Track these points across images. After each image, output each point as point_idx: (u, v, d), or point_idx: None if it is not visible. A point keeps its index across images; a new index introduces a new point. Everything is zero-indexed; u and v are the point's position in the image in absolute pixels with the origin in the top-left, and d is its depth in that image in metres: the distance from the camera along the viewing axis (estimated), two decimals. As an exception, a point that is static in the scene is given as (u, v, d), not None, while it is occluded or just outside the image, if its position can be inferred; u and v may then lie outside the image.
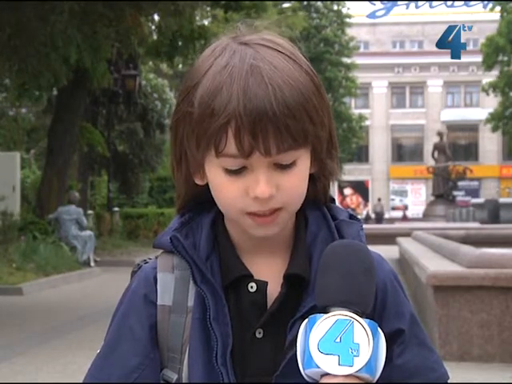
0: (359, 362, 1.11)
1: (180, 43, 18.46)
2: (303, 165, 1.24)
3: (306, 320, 1.15)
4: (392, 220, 41.31)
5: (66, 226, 18.18)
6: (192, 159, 1.27)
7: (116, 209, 25.47)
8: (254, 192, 1.21)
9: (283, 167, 1.22)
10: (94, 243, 18.56)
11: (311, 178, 1.30)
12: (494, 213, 21.89)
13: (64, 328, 9.84)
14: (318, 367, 1.11)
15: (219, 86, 1.20)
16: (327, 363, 1.11)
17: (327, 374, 1.11)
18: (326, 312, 1.14)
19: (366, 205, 55.56)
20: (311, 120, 1.22)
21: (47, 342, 8.91)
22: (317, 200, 1.33)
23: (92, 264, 18.11)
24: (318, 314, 1.14)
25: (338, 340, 1.12)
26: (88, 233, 18.53)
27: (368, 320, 1.14)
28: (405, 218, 44.50)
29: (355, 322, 1.13)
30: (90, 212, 23.06)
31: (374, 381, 1.13)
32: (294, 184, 1.23)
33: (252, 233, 1.26)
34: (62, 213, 18.29)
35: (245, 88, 1.19)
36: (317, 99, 1.24)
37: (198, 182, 1.29)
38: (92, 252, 18.45)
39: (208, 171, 1.26)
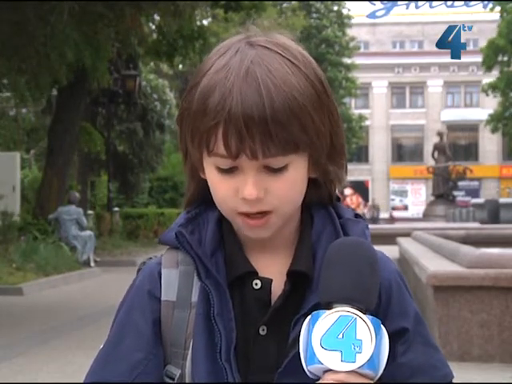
0: (362, 359, 1.11)
1: (180, 43, 18.46)
2: (296, 170, 1.24)
3: (309, 316, 1.16)
4: (391, 220, 41.33)
5: (66, 226, 18.18)
6: (192, 155, 1.29)
7: (116, 209, 25.46)
8: (241, 193, 1.22)
9: (274, 171, 1.22)
10: (94, 243, 18.56)
11: (315, 182, 1.30)
12: (493, 213, 21.88)
13: (64, 328, 9.84)
14: (321, 363, 1.11)
15: (214, 86, 1.21)
16: (330, 359, 1.11)
17: (330, 370, 1.12)
18: (329, 308, 1.15)
19: (365, 205, 55.55)
20: (303, 128, 1.21)
21: (47, 342, 8.91)
22: (323, 201, 1.34)
23: (92, 264, 18.10)
24: (321, 311, 1.15)
25: (340, 336, 1.12)
26: (88, 233, 18.53)
27: (371, 317, 1.14)
28: (392, 219, 44.49)
29: (358, 318, 1.13)
30: (90, 212, 23.07)
31: (377, 377, 1.13)
32: (284, 188, 1.23)
33: (244, 233, 1.27)
34: (62, 213, 18.29)
35: (236, 90, 1.19)
36: (314, 106, 1.23)
37: (203, 176, 1.30)
38: (92, 252, 18.44)
39: (205, 168, 1.27)
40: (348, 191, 56.86)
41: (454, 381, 1.32)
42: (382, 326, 1.15)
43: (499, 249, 9.72)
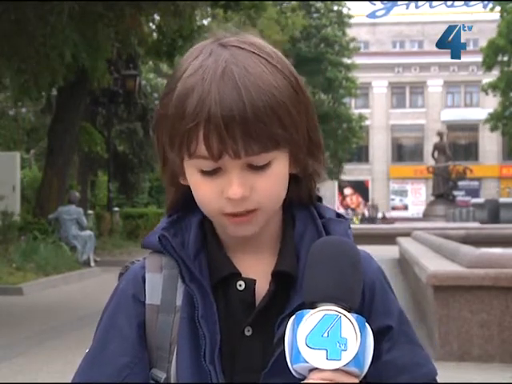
0: (347, 356, 1.11)
1: (180, 43, 18.46)
2: (279, 166, 1.24)
3: (294, 316, 1.16)
4: (384, 220, 41.33)
5: (66, 226, 18.18)
6: (172, 161, 1.28)
7: (116, 209, 25.47)
8: (226, 193, 1.22)
9: (257, 168, 1.22)
10: (94, 243, 18.56)
11: (295, 178, 1.30)
12: (494, 213, 21.86)
13: (64, 328, 9.84)
14: (306, 362, 1.11)
15: (191, 88, 1.21)
16: (315, 358, 1.11)
17: (315, 369, 1.12)
18: (313, 308, 1.15)
19: (365, 205, 55.56)
20: (282, 124, 1.22)
21: (47, 341, 8.91)
22: (303, 199, 1.34)
23: (92, 264, 18.10)
24: (306, 310, 1.15)
25: (325, 335, 1.12)
26: (88, 233, 18.53)
27: (355, 315, 1.14)
28: (385, 219, 44.47)
29: (342, 316, 1.13)
30: (90, 212, 23.07)
31: (363, 375, 1.14)
32: (269, 185, 1.23)
33: (230, 232, 1.27)
34: (62, 213, 18.29)
35: (215, 91, 1.19)
36: (292, 103, 1.23)
37: (183, 181, 1.30)
38: (92, 252, 18.45)
39: (186, 172, 1.27)
40: (348, 191, 56.90)
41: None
42: (366, 323, 1.15)
43: (499, 249, 9.72)
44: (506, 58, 39.98)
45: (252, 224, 1.25)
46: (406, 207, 57.31)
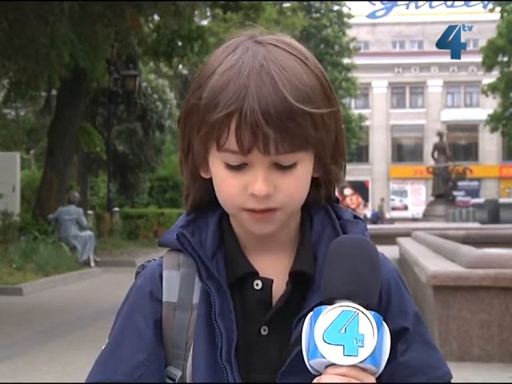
0: (364, 353, 1.12)
1: (178, 43, 18.45)
2: (304, 168, 1.25)
3: (312, 312, 1.16)
4: (392, 220, 41.30)
5: (66, 226, 18.17)
6: (197, 152, 1.28)
7: (116, 209, 25.45)
8: (251, 189, 1.22)
9: (283, 168, 1.23)
10: (94, 243, 18.55)
11: (315, 181, 1.31)
12: (493, 213, 21.84)
13: (64, 328, 9.84)
14: (323, 357, 1.12)
15: (227, 81, 1.22)
16: (332, 353, 1.12)
17: (332, 365, 1.12)
18: (331, 304, 1.15)
19: (365, 205, 55.54)
20: (315, 125, 1.23)
21: (47, 342, 8.90)
22: (321, 201, 1.34)
23: (92, 264, 18.10)
24: (324, 306, 1.15)
25: (343, 331, 1.12)
26: (88, 233, 18.52)
27: (373, 312, 1.15)
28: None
29: (360, 313, 1.14)
30: (89, 212, 23.05)
31: (379, 372, 1.14)
32: (293, 186, 1.24)
33: (249, 228, 1.27)
34: (62, 213, 18.28)
35: (251, 86, 1.20)
36: (324, 104, 1.24)
37: (204, 175, 1.30)
38: (92, 252, 18.43)
39: (211, 165, 1.27)
40: (348, 191, 56.85)
41: (453, 381, 1.33)
42: (383, 321, 1.16)
43: (499, 249, 9.72)
44: (505, 59, 39.95)
45: (271, 223, 1.26)
46: (405, 207, 57.29)
